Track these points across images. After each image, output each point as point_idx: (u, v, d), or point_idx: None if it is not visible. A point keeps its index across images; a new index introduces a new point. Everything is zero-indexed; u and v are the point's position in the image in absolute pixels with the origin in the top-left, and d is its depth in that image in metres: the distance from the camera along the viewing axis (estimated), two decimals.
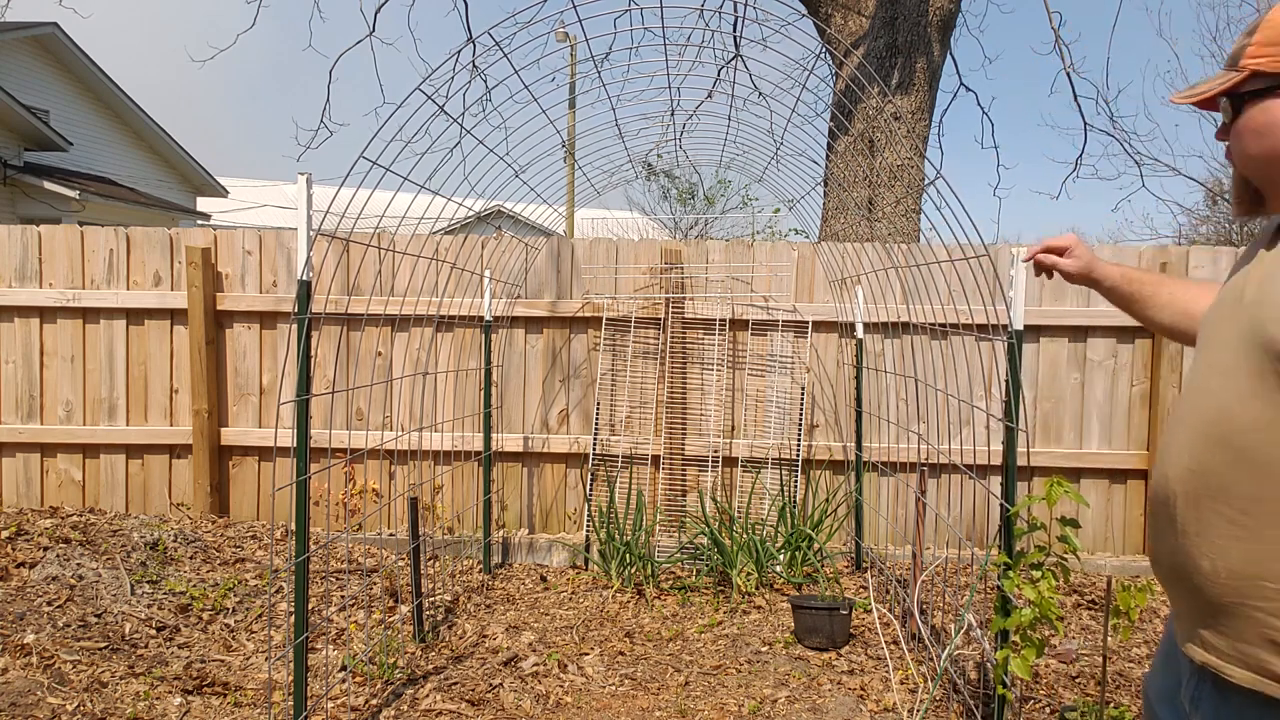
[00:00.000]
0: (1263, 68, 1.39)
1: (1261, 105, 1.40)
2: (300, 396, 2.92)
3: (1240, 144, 1.44)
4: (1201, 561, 1.36)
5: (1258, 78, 1.40)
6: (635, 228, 20.87)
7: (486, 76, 5.70)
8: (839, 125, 6.52)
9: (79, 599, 4.08)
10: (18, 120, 13.90)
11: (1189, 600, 1.41)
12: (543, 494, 5.61)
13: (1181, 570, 1.40)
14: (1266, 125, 1.39)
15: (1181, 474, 1.39)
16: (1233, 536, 1.32)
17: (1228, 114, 1.45)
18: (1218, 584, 1.34)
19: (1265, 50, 1.39)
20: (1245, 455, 1.30)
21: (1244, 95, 1.41)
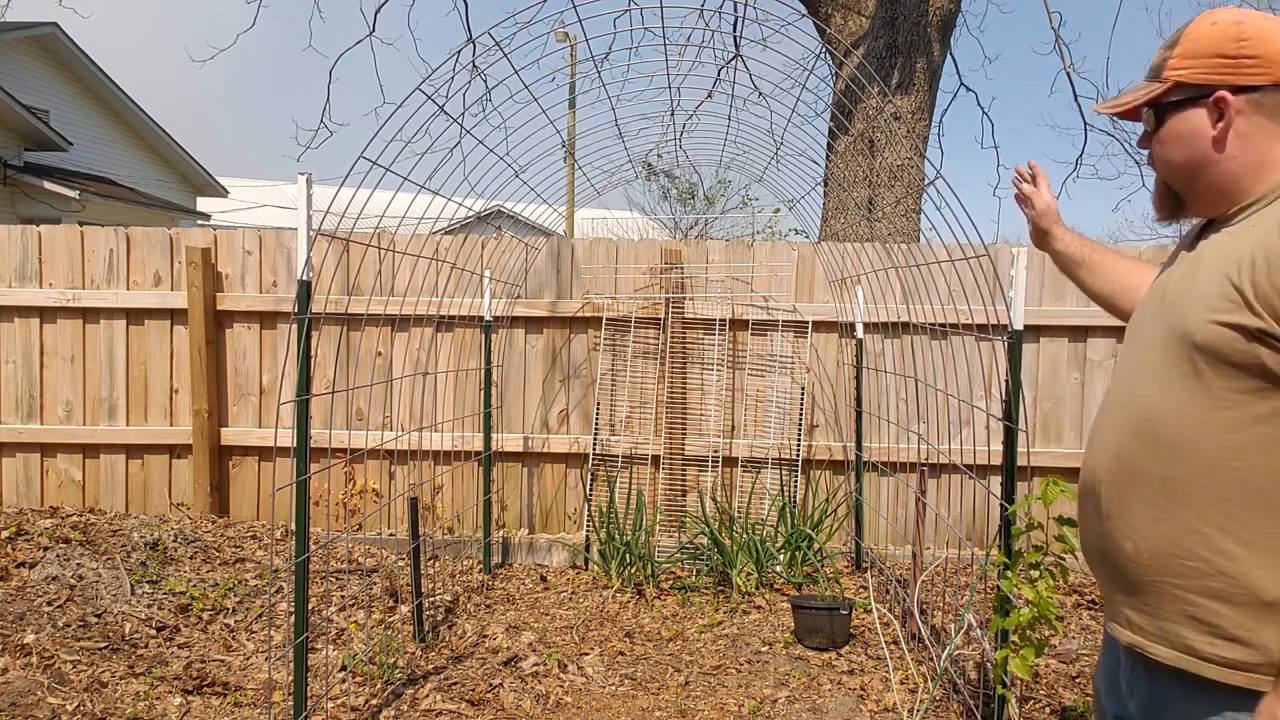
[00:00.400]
0: (1185, 79, 1.46)
1: (1183, 115, 1.47)
2: (300, 396, 2.92)
3: (1163, 152, 1.51)
4: (1124, 543, 1.44)
5: (1180, 88, 1.47)
6: (635, 228, 20.87)
7: (486, 76, 5.70)
8: (839, 125, 6.52)
9: (79, 599, 4.08)
10: (18, 120, 13.90)
11: (1115, 582, 1.49)
12: (543, 494, 5.61)
13: (1107, 553, 1.49)
14: (1188, 134, 1.47)
15: (1107, 461, 1.48)
16: (1152, 518, 1.40)
17: (1150, 123, 1.52)
18: (1140, 564, 1.42)
19: (1186, 63, 1.46)
20: (1163, 441, 1.39)
21: (1167, 105, 1.49)
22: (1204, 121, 1.45)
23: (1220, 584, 1.33)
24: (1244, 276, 1.31)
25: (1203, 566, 1.35)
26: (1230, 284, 1.32)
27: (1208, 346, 1.34)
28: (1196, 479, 1.34)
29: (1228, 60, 1.43)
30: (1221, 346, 1.32)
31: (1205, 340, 1.34)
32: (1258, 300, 1.29)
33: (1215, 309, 1.33)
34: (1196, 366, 1.35)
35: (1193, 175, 1.47)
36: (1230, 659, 1.33)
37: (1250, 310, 1.29)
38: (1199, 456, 1.35)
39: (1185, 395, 1.37)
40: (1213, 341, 1.33)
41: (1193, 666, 1.36)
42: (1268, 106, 1.42)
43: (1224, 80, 1.43)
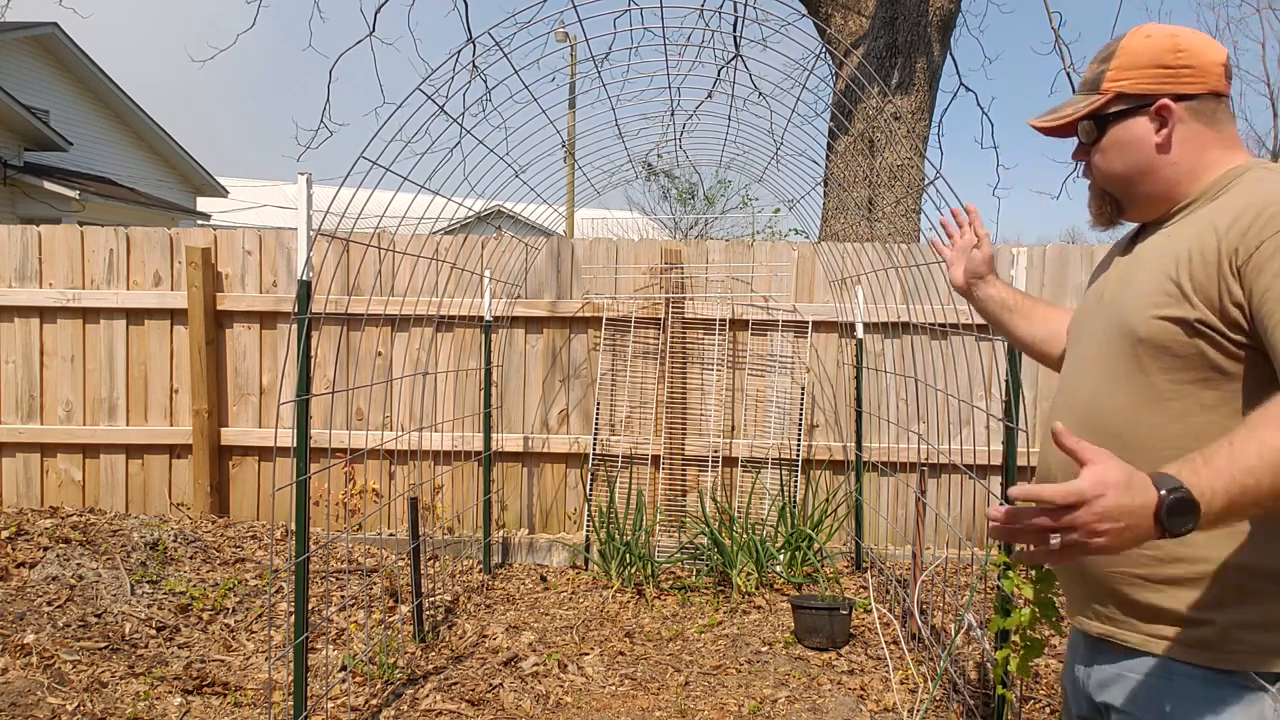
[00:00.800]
0: (1125, 89, 1.51)
1: (1125, 124, 1.52)
2: (300, 396, 2.92)
3: (1105, 161, 1.55)
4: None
5: (1121, 99, 1.51)
6: (635, 228, 20.86)
7: (486, 76, 5.70)
8: (839, 125, 6.52)
9: (79, 599, 4.08)
10: (18, 120, 13.90)
11: (1078, 577, 1.53)
12: (543, 494, 5.61)
13: None
14: (1131, 142, 1.51)
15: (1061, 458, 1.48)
16: None
17: (1090, 135, 1.56)
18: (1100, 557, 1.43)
19: (1126, 74, 1.51)
20: (1112, 435, 1.42)
21: (1108, 116, 1.53)
22: (1147, 129, 1.50)
23: (1177, 570, 1.38)
24: (1182, 271, 1.37)
25: (1158, 554, 1.38)
26: (1169, 279, 1.38)
27: (1151, 341, 1.39)
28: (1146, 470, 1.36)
29: (1167, 70, 1.49)
30: (1164, 340, 1.38)
31: (1148, 335, 1.39)
32: (1195, 292, 1.35)
33: (1156, 304, 1.39)
34: (1140, 362, 1.41)
35: (1134, 181, 1.53)
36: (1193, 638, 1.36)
37: (1188, 303, 1.35)
38: (1147, 448, 1.38)
39: (1131, 390, 1.42)
40: (1155, 336, 1.38)
41: (1162, 649, 1.40)
42: (1203, 113, 1.49)
43: (1165, 89, 1.48)
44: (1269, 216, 1.32)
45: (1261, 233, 1.31)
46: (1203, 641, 1.37)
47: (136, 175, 17.70)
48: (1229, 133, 1.50)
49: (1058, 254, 5.36)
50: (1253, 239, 1.32)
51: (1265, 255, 1.30)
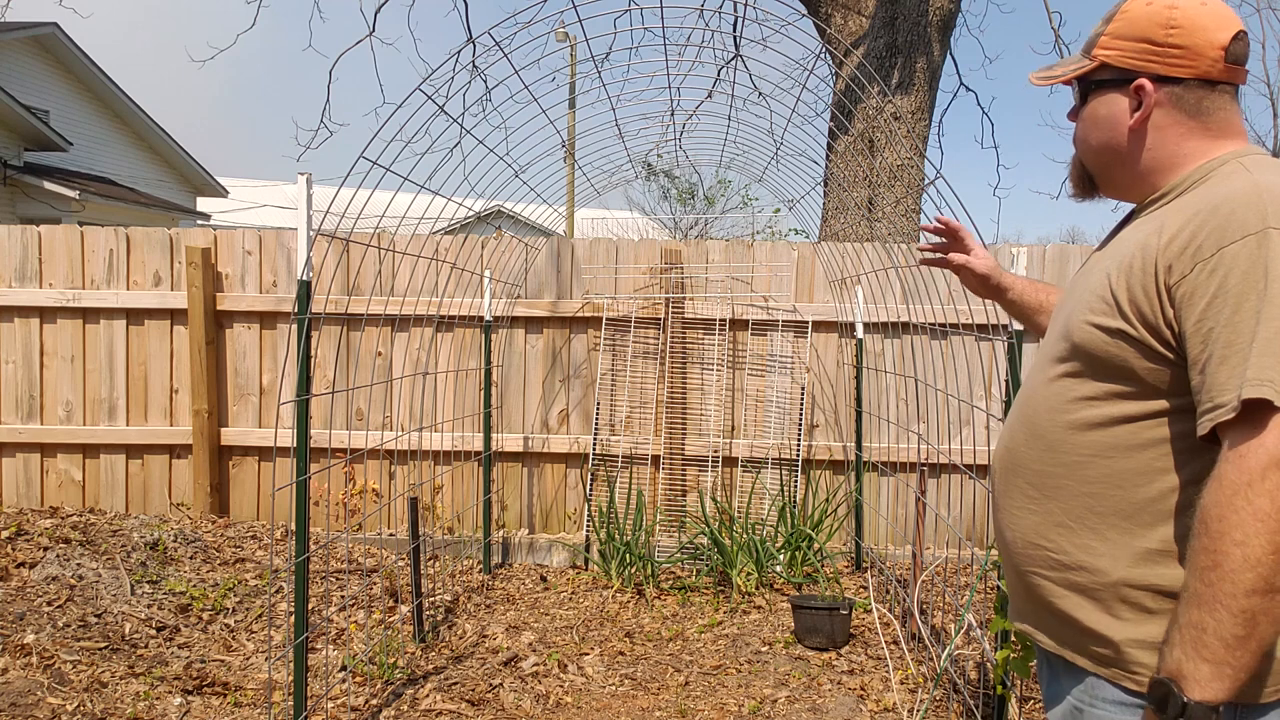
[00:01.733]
0: (1111, 60, 1.40)
1: (1105, 97, 1.42)
2: (300, 396, 2.92)
3: (1083, 131, 1.46)
4: (1005, 532, 1.47)
5: (1106, 69, 1.41)
6: (635, 228, 20.86)
7: (486, 76, 5.70)
8: (839, 125, 6.51)
9: (79, 599, 4.08)
10: (18, 120, 13.89)
11: (1006, 570, 1.52)
12: (543, 494, 5.61)
13: (999, 542, 1.52)
14: (1107, 118, 1.42)
15: (1000, 453, 1.51)
16: (1025, 509, 1.42)
17: (1075, 100, 1.47)
18: (1016, 554, 1.44)
19: (1115, 43, 1.40)
20: (1039, 434, 1.39)
21: (1091, 84, 1.43)
22: (1123, 108, 1.40)
23: (1080, 577, 1.33)
24: (1119, 278, 1.29)
25: (1065, 559, 1.35)
26: (1108, 284, 1.31)
27: (1082, 346, 1.33)
28: (1064, 473, 1.35)
29: (1154, 48, 1.36)
30: (1092, 347, 1.31)
31: (1080, 340, 1.33)
32: (1129, 304, 1.27)
33: (1092, 309, 1.32)
34: (1073, 365, 1.35)
35: (1106, 160, 1.44)
36: (1092, 651, 1.33)
37: (1120, 313, 1.28)
38: (1068, 451, 1.35)
39: (1061, 391, 1.37)
40: (1086, 342, 1.32)
41: (1067, 654, 1.37)
42: (1187, 101, 1.36)
43: (1147, 68, 1.37)
44: (1210, 230, 1.20)
45: (1198, 253, 1.20)
46: (1101, 656, 1.32)
47: (136, 175, 17.70)
48: (1218, 121, 1.36)
49: (1058, 253, 5.36)
50: (1188, 260, 1.21)
51: (1196, 282, 1.19)
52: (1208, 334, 1.17)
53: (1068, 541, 1.35)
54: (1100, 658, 1.32)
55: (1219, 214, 1.20)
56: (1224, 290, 1.16)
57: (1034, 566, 1.40)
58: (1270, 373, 1.11)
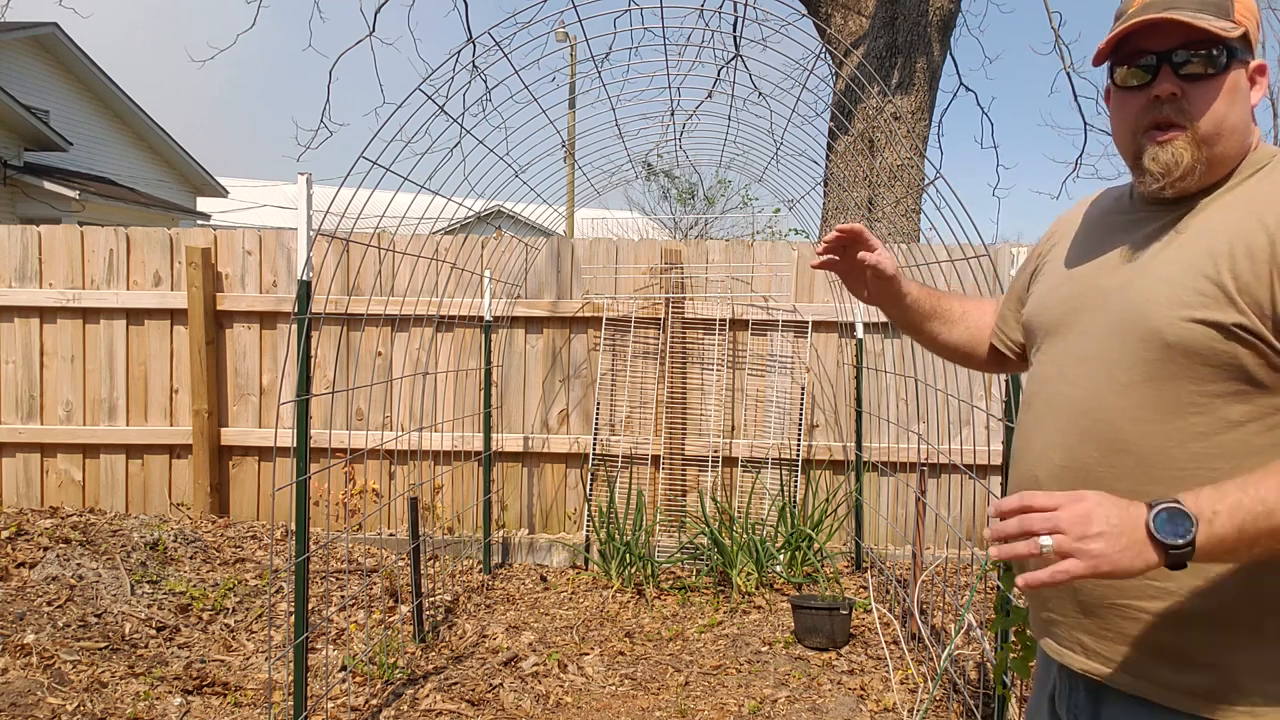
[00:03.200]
0: (1249, 32, 1.29)
1: (1241, 71, 1.29)
2: (300, 396, 2.92)
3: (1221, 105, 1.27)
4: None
5: (1244, 39, 1.28)
6: (635, 228, 20.85)
7: (486, 76, 5.70)
8: (839, 125, 6.51)
9: (79, 599, 4.08)
10: (18, 120, 13.89)
11: (1064, 603, 1.35)
12: (543, 494, 5.61)
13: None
14: (1243, 93, 1.29)
15: (1052, 470, 1.33)
16: None
17: (1213, 66, 1.26)
18: (1099, 584, 1.27)
19: (1247, 15, 1.29)
20: (1121, 448, 1.25)
21: (1235, 52, 1.28)
22: (1247, 86, 1.29)
23: (1192, 606, 1.21)
24: (1223, 269, 1.19)
25: (1171, 586, 1.22)
26: (1207, 278, 1.20)
27: (1180, 345, 1.21)
28: (1162, 490, 1.16)
29: (1258, 28, 1.30)
30: (1196, 346, 1.20)
31: (1178, 339, 1.21)
32: (1240, 294, 1.17)
33: (1188, 304, 1.21)
34: (1162, 367, 1.23)
35: (1233, 141, 1.28)
36: (1198, 686, 1.21)
37: (1233, 306, 1.18)
38: (1165, 465, 1.22)
39: (1148, 398, 1.23)
40: (1185, 340, 1.20)
41: (1155, 695, 1.24)
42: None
43: (1254, 47, 1.30)
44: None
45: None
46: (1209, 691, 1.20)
47: (136, 175, 17.69)
48: None
49: None
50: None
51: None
52: None
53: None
54: (1204, 693, 1.20)
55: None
56: None
57: (1129, 598, 1.25)
58: None
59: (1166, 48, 1.27)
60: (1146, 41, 1.28)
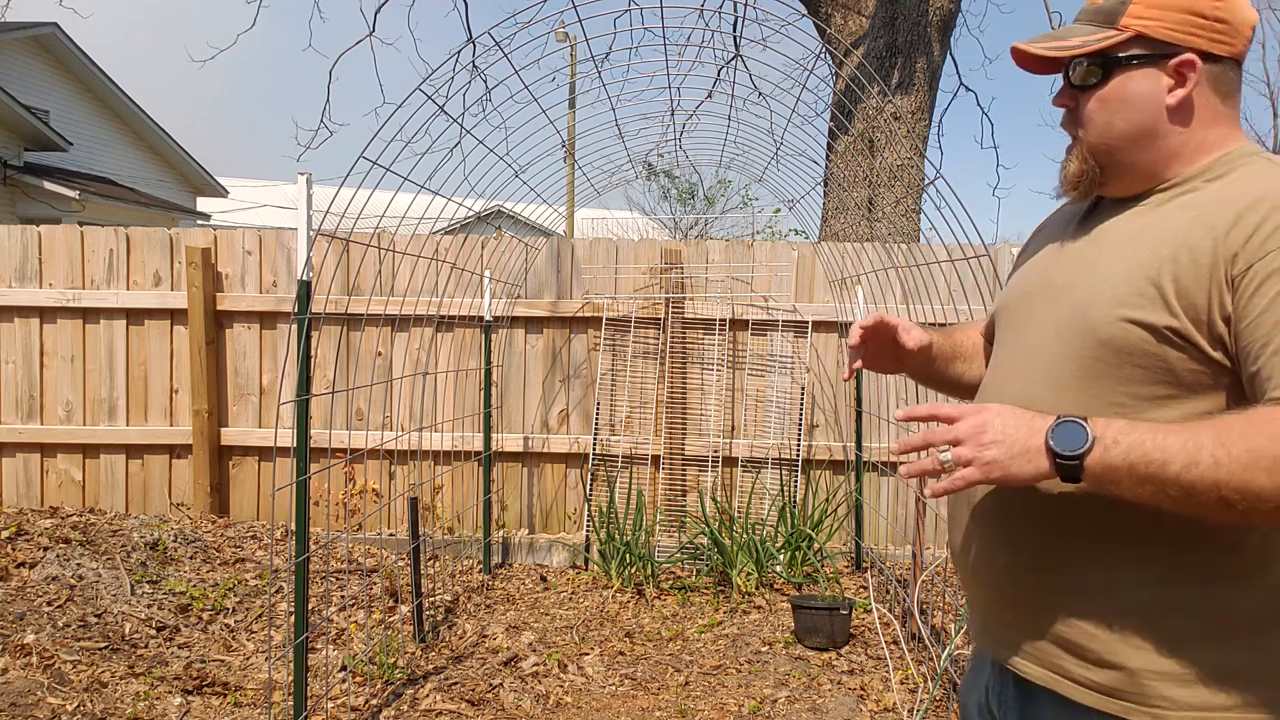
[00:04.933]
0: (1149, 31, 1.25)
1: (1136, 74, 1.26)
2: (300, 396, 2.92)
3: (1104, 114, 1.29)
4: (1000, 555, 1.32)
5: (1140, 42, 1.26)
6: (635, 228, 20.86)
7: (486, 76, 5.70)
8: (839, 125, 6.51)
9: (79, 599, 4.08)
10: (18, 120, 13.89)
11: (987, 595, 1.37)
12: (543, 494, 5.61)
13: (979, 564, 1.36)
14: (1140, 98, 1.26)
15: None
16: (1032, 530, 1.28)
17: (1090, 78, 1.29)
18: (1015, 578, 1.30)
19: (1154, 13, 1.25)
20: None
21: (1119, 59, 1.27)
22: (1159, 86, 1.25)
23: (1100, 604, 1.22)
24: (1164, 271, 1.18)
25: (1082, 585, 1.24)
26: (1147, 279, 1.19)
27: (1113, 344, 1.21)
28: (1080, 491, 1.17)
29: (1202, 20, 1.24)
30: (1128, 346, 1.20)
31: (1110, 337, 1.21)
32: (1178, 298, 1.16)
33: (1125, 304, 1.20)
34: (1095, 365, 1.23)
35: (1132, 147, 1.28)
36: (1101, 684, 1.23)
37: (1168, 309, 1.17)
38: None
39: (1079, 397, 1.23)
40: (1118, 339, 1.20)
41: (1064, 689, 1.26)
42: (1224, 83, 1.27)
43: (1193, 43, 1.24)
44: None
45: (1268, 241, 1.12)
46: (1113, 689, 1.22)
47: (136, 175, 17.70)
48: (1237, 107, 1.29)
49: None
50: (1256, 247, 1.13)
51: (1270, 269, 1.11)
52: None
53: (1089, 566, 1.24)
54: (1112, 691, 1.22)
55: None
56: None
57: (1041, 593, 1.28)
58: None
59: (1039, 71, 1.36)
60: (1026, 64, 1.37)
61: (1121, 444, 1.10)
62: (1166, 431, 1.10)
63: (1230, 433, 1.07)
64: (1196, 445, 1.07)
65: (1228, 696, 1.17)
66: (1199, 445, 1.07)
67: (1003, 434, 1.14)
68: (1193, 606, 1.20)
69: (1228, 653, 1.18)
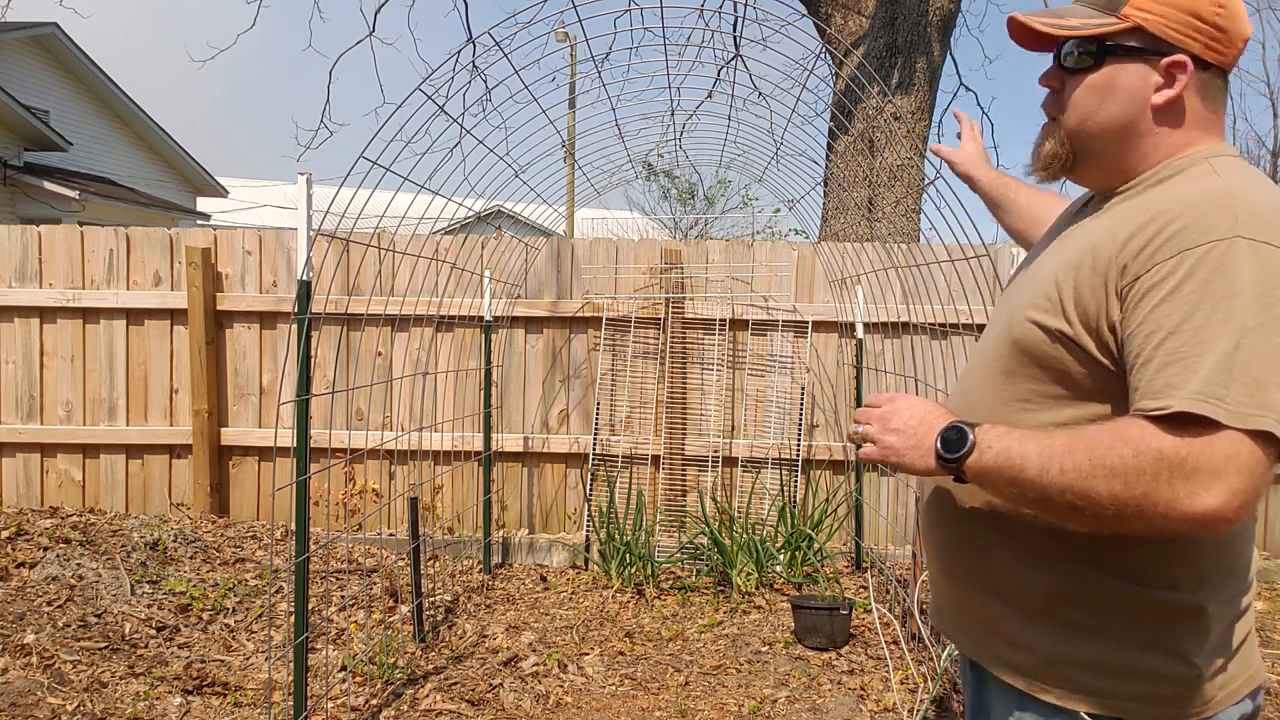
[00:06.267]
0: (1148, 25, 1.24)
1: (1128, 66, 1.25)
2: (300, 396, 2.92)
3: (1087, 100, 1.28)
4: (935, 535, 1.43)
5: (1138, 34, 1.25)
6: (635, 228, 20.86)
7: (486, 76, 5.70)
8: (839, 125, 6.51)
9: (79, 599, 4.08)
10: (18, 120, 13.89)
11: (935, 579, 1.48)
12: (543, 494, 5.61)
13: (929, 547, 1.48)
14: (1127, 91, 1.26)
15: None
16: (955, 514, 1.37)
17: (1081, 62, 1.27)
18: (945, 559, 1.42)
19: (1155, 8, 1.24)
20: None
21: (1113, 48, 1.26)
22: (1146, 82, 1.24)
23: (1013, 591, 1.30)
24: (1066, 278, 1.22)
25: (999, 571, 1.31)
26: (1054, 283, 1.23)
27: (1020, 344, 1.26)
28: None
29: (1200, 24, 1.23)
30: (1031, 346, 1.25)
31: (1019, 337, 1.27)
32: (1074, 304, 1.20)
33: (1035, 305, 1.25)
34: (1011, 362, 1.28)
35: (1109, 138, 1.28)
36: (1020, 665, 1.30)
37: (1062, 314, 1.21)
38: None
39: (995, 392, 1.31)
40: (1024, 339, 1.26)
41: (995, 669, 1.33)
42: (1210, 90, 1.26)
43: (1188, 45, 1.23)
44: (1173, 233, 1.12)
45: (1156, 254, 1.12)
46: (1021, 667, 1.30)
47: (136, 175, 17.70)
48: (1219, 115, 1.28)
49: None
50: (1145, 259, 1.13)
51: (1152, 282, 1.12)
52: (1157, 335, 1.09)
53: (996, 549, 1.31)
54: (1022, 669, 1.29)
55: (1185, 216, 1.13)
56: (1178, 294, 1.09)
57: (960, 574, 1.38)
58: (1220, 390, 1.03)
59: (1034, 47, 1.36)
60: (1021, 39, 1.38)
61: (994, 449, 1.16)
62: (1032, 438, 1.15)
63: (1081, 441, 1.11)
64: (1050, 452, 1.12)
65: (1129, 685, 1.22)
66: (1052, 453, 1.12)
67: (905, 425, 1.26)
68: (1094, 597, 1.24)
69: (1123, 646, 1.23)
